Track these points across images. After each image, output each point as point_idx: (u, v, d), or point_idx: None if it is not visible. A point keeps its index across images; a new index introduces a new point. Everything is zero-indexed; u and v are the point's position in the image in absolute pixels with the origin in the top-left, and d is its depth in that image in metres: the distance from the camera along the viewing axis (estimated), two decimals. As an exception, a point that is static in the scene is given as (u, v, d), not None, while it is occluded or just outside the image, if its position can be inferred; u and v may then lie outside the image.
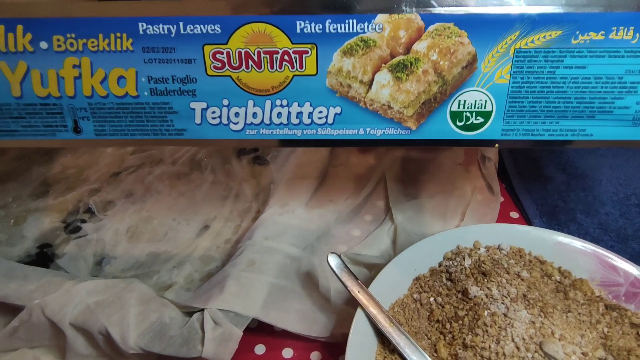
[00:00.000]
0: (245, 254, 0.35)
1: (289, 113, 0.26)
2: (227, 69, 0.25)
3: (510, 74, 0.25)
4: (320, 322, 0.35)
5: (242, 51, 0.25)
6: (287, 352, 0.35)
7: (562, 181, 0.46)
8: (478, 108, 0.25)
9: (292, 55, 0.25)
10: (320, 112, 0.25)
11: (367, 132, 0.26)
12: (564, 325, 0.29)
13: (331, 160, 0.49)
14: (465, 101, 0.26)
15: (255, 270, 0.34)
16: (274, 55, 0.25)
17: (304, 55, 0.25)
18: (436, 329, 0.32)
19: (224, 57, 0.25)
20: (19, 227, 0.43)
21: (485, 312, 0.31)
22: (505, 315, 0.30)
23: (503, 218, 0.44)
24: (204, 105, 0.26)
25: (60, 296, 0.32)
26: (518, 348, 0.28)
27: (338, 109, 0.26)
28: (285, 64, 0.25)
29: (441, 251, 0.35)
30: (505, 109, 0.25)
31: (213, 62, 0.25)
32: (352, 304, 0.37)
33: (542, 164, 0.48)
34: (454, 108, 0.26)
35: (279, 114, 0.26)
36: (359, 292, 0.31)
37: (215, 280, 0.35)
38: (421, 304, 0.33)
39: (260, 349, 0.35)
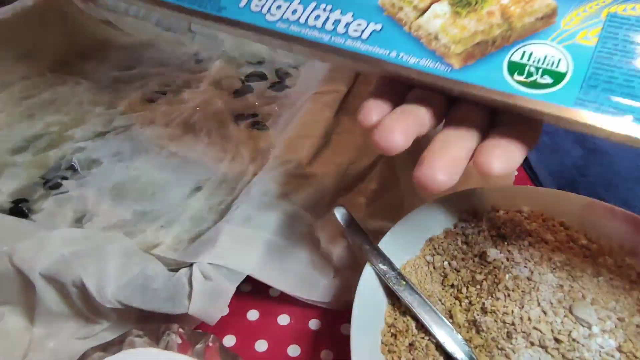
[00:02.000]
0: (242, 209, 0.32)
1: (327, 18, 0.23)
2: None
3: (599, 38, 0.19)
4: (321, 286, 0.32)
5: None
6: (283, 319, 0.32)
7: (580, 156, 0.43)
8: (548, 65, 0.19)
9: None
10: (359, 24, 0.22)
11: (400, 57, 0.22)
12: (596, 290, 0.26)
13: (335, 127, 0.46)
14: (532, 54, 0.20)
15: (252, 226, 0.31)
16: None
17: None
18: (450, 294, 0.28)
19: None
20: (-7, 181, 0.40)
21: (507, 276, 0.28)
22: (529, 278, 0.27)
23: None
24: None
25: (32, 244, 0.28)
26: (545, 312, 0.25)
27: (379, 26, 0.22)
28: None
29: (456, 212, 0.32)
30: (586, 75, 0.19)
31: None
32: (357, 269, 0.34)
33: (559, 139, 0.45)
34: (515, 58, 0.20)
35: (317, 17, 0.23)
36: (367, 247, 0.28)
37: (207, 237, 0.31)
38: (434, 267, 0.30)
39: (253, 315, 0.32)
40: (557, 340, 0.24)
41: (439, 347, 0.25)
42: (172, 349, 0.26)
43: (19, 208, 0.37)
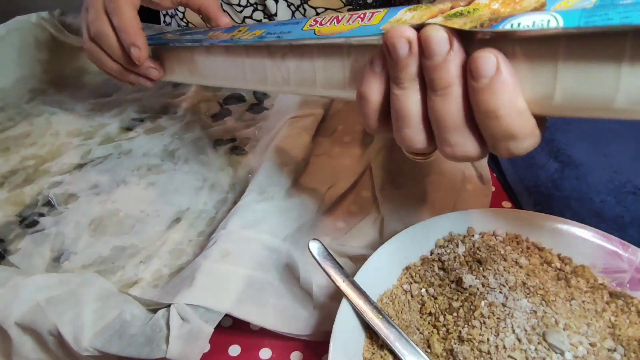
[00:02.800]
0: (219, 244, 0.32)
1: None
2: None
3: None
4: (301, 319, 0.32)
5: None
6: (265, 353, 0.32)
7: (555, 169, 0.44)
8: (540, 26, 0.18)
9: (367, 14, 0.25)
10: None
11: None
12: (568, 314, 0.27)
13: (313, 150, 0.46)
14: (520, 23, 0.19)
15: (230, 262, 0.31)
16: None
17: (375, 13, 0.24)
18: (429, 323, 0.29)
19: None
20: (-32, 221, 0.39)
21: (482, 303, 0.28)
22: (504, 305, 0.28)
23: (495, 208, 0.42)
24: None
25: (6, 292, 0.28)
26: (519, 340, 0.26)
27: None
28: (357, 19, 0.25)
29: (433, 238, 0.32)
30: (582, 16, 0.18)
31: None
32: (337, 298, 0.34)
33: (534, 153, 0.46)
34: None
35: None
36: (343, 281, 0.28)
37: (185, 274, 0.31)
38: (412, 296, 0.30)
39: (234, 350, 0.32)
40: (531, 369, 0.25)
41: (417, 381, 0.25)
42: (152, 394, 0.26)
43: (-5, 249, 0.37)
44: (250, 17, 0.60)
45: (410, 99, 0.21)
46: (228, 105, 0.54)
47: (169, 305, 0.28)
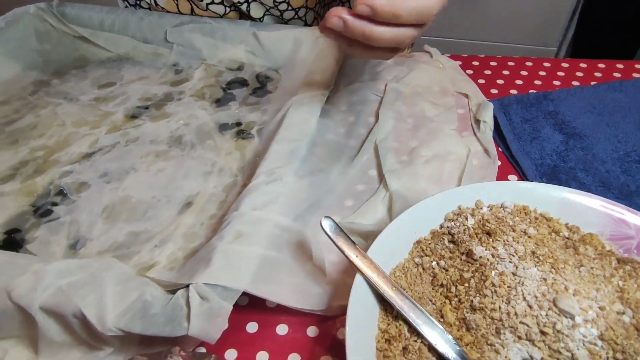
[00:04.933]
0: (232, 225, 0.32)
1: None
2: None
3: None
4: (315, 295, 0.32)
5: None
6: (282, 329, 0.33)
7: (560, 141, 0.44)
8: None
9: None
10: None
11: None
12: (577, 280, 0.28)
13: (319, 130, 0.47)
14: None
15: (244, 242, 0.31)
16: None
17: None
18: (440, 294, 0.29)
19: None
20: (-17, 213, 0.40)
21: (493, 273, 0.29)
22: (514, 274, 0.28)
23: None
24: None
25: (29, 279, 0.29)
26: (530, 306, 0.26)
27: None
28: None
29: (442, 212, 0.33)
30: None
31: None
32: (349, 274, 0.35)
33: (539, 126, 0.46)
34: None
35: None
36: (356, 256, 0.28)
37: (201, 255, 0.32)
38: (423, 269, 0.31)
39: (252, 327, 0.33)
40: (542, 333, 0.25)
41: (432, 349, 0.26)
42: (175, 370, 0.27)
43: (12, 239, 0.37)
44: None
45: None
46: (232, 90, 0.54)
47: (187, 286, 0.29)
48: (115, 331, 0.27)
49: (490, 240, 0.31)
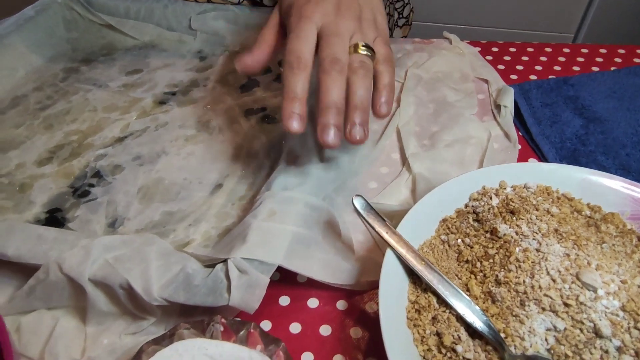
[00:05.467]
0: (265, 204, 0.34)
1: None
2: None
3: None
4: (345, 270, 0.34)
5: None
6: (313, 302, 0.34)
7: (581, 125, 0.45)
8: None
9: None
10: None
11: None
12: (600, 256, 0.29)
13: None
14: None
15: (277, 220, 0.33)
16: None
17: None
18: (466, 269, 0.31)
19: None
20: (25, 193, 0.42)
21: (517, 249, 0.30)
22: (537, 250, 0.30)
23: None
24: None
25: (77, 252, 0.31)
26: (554, 280, 0.28)
27: None
28: None
29: (466, 192, 0.34)
30: None
31: None
32: (375, 252, 0.36)
33: (559, 110, 0.47)
34: None
35: None
36: (387, 233, 0.30)
37: (236, 232, 0.34)
38: (449, 245, 0.32)
39: (284, 300, 0.34)
40: (566, 305, 0.27)
41: (460, 318, 0.27)
42: (217, 338, 0.29)
43: (55, 217, 0.39)
44: None
45: None
46: (255, 76, 0.56)
47: (224, 260, 0.31)
48: (160, 301, 0.29)
49: (514, 218, 0.32)
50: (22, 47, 0.57)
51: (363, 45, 0.35)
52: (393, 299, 0.28)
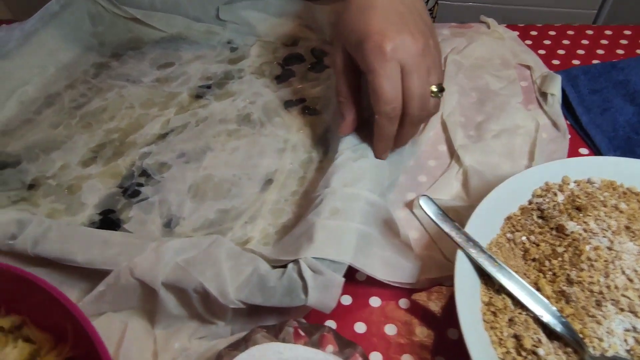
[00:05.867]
0: (327, 202, 0.34)
1: None
2: None
3: None
4: (405, 269, 0.34)
5: None
6: (375, 301, 0.34)
7: (633, 112, 0.44)
8: None
9: None
10: None
11: None
12: (675, 253, 0.29)
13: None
14: None
15: (341, 218, 0.33)
16: None
17: None
18: (534, 268, 0.31)
19: None
20: (74, 195, 0.42)
21: (587, 247, 0.30)
22: (609, 248, 0.29)
23: (573, 155, 0.43)
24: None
25: (149, 256, 0.31)
26: (631, 280, 0.28)
27: None
28: None
29: (529, 188, 0.34)
30: None
31: None
32: (432, 249, 0.36)
33: (609, 96, 0.46)
34: None
35: None
36: (457, 234, 0.30)
37: (300, 231, 0.33)
38: (515, 243, 0.32)
39: (346, 300, 0.35)
40: (645, 304, 0.27)
41: (537, 320, 0.27)
42: (290, 342, 0.29)
43: (109, 219, 0.39)
44: None
45: None
46: (289, 65, 0.55)
47: (293, 261, 0.31)
48: (236, 303, 0.29)
49: (581, 215, 0.32)
50: (50, 43, 0.56)
51: (436, 88, 0.35)
52: (468, 300, 0.28)
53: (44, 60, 0.55)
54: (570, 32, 0.56)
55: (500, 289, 0.29)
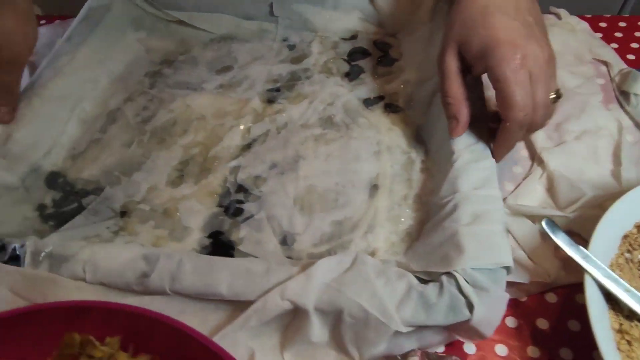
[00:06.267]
0: (464, 207, 0.33)
1: None
2: None
3: None
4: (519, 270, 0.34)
5: None
6: (510, 321, 0.34)
7: None
8: None
9: None
10: None
11: None
12: None
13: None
14: None
15: (485, 222, 0.32)
16: None
17: None
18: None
19: None
20: (173, 218, 0.40)
21: None
22: None
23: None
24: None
25: (299, 279, 0.30)
26: None
27: None
28: None
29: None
30: None
31: None
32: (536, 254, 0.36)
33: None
34: None
35: None
36: (582, 257, 0.29)
37: (439, 240, 0.33)
38: (633, 263, 0.32)
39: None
40: None
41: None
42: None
43: (220, 241, 0.38)
44: None
45: None
46: (355, 61, 0.53)
47: (444, 273, 0.30)
48: (400, 325, 0.28)
49: None
50: (99, 54, 0.52)
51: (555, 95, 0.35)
52: (603, 330, 0.28)
53: (96, 73, 0.51)
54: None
55: (632, 315, 0.29)
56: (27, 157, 0.42)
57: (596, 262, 0.29)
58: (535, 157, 0.42)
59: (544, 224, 0.31)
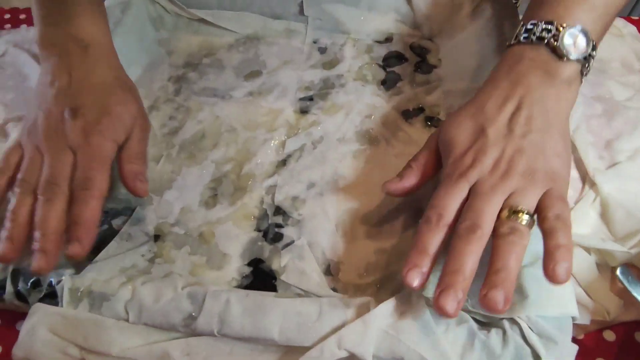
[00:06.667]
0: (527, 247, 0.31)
1: None
2: None
3: None
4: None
5: None
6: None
7: None
8: None
9: None
10: None
11: None
12: None
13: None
14: None
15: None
16: None
17: None
18: None
19: None
20: (210, 244, 0.38)
21: None
22: None
23: None
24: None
25: (356, 326, 0.28)
26: None
27: None
28: None
29: None
30: None
31: None
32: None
33: None
34: None
35: None
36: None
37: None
38: None
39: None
40: None
41: None
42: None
43: (261, 270, 0.36)
44: None
45: None
46: (391, 67, 0.50)
47: (502, 319, 0.29)
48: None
49: None
50: (120, 57, 0.50)
51: (518, 210, 0.29)
52: None
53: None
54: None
55: None
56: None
57: None
58: (586, 179, 0.40)
59: (619, 273, 0.30)
